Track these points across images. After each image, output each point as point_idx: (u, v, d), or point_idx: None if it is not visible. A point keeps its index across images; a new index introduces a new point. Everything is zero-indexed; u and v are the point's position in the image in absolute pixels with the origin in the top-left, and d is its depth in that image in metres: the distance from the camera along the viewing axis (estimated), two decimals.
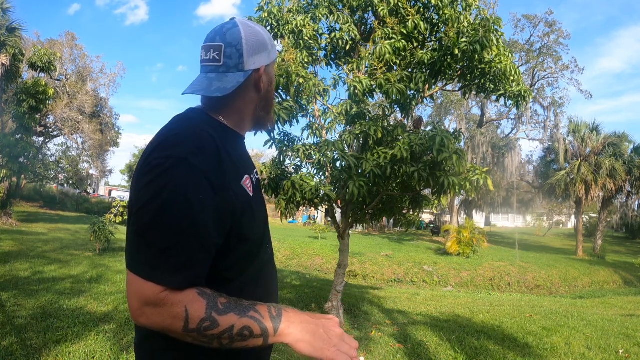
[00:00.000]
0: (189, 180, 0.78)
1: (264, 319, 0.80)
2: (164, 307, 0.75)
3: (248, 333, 0.78)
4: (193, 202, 0.77)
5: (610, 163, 18.34)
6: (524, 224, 45.14)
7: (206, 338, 0.77)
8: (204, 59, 0.94)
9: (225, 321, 0.77)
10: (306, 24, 4.75)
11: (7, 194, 14.48)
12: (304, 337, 0.81)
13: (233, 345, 0.79)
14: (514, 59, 5.11)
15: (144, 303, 0.76)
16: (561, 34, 22.20)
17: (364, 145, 4.48)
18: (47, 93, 14.16)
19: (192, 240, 0.77)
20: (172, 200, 0.76)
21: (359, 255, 14.93)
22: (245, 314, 0.79)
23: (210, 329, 0.76)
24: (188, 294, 0.77)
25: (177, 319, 0.75)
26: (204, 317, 0.76)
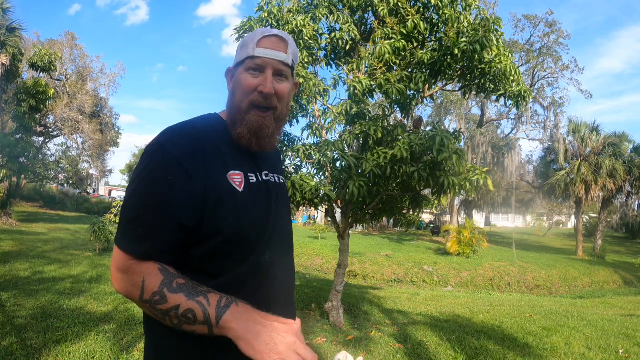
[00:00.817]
0: (161, 163, 0.87)
1: (209, 307, 0.79)
2: (128, 275, 0.85)
3: (192, 317, 0.79)
4: (160, 182, 0.86)
5: (611, 163, 18.34)
6: (524, 224, 45.16)
7: (157, 312, 0.82)
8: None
9: (173, 299, 0.80)
10: (306, 24, 4.75)
11: (7, 194, 14.48)
12: (246, 335, 0.77)
13: (182, 327, 0.81)
14: (514, 59, 5.11)
15: (116, 269, 0.87)
16: (561, 34, 22.24)
17: (364, 145, 4.48)
18: (47, 93, 14.15)
19: (155, 215, 0.85)
20: (144, 180, 0.87)
21: (359, 255, 14.94)
22: (193, 297, 0.80)
23: (159, 303, 0.81)
24: (149, 267, 0.84)
25: (135, 288, 0.83)
26: (156, 290, 0.81)
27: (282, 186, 1.12)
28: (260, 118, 0.97)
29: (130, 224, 0.86)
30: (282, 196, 1.10)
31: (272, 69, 0.98)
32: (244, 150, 0.99)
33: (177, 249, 0.88)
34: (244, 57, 0.99)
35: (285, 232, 1.08)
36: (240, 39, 5.01)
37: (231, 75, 1.03)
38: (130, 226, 0.86)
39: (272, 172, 1.07)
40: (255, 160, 1.02)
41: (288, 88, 1.02)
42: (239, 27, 5.00)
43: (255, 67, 0.97)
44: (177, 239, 0.87)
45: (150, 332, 0.96)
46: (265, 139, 0.99)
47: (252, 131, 0.97)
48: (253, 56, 0.97)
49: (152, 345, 0.97)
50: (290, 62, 1.00)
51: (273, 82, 0.98)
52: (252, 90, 0.97)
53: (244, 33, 4.99)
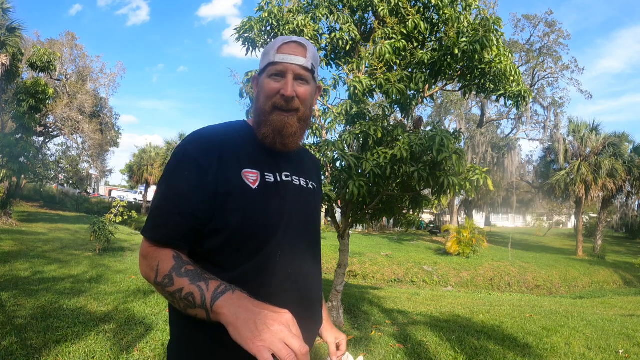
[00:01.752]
0: (180, 160, 0.98)
1: (207, 291, 0.83)
2: (147, 259, 0.94)
3: (192, 300, 0.84)
4: (179, 176, 0.96)
5: (611, 163, 18.34)
6: (524, 224, 45.17)
7: (166, 293, 0.90)
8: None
9: (179, 283, 0.87)
10: (307, 24, 4.75)
11: (7, 194, 14.48)
12: (234, 321, 0.78)
13: (187, 310, 0.86)
14: (514, 59, 5.11)
15: (140, 254, 0.97)
16: (561, 34, 22.24)
17: (364, 145, 4.47)
18: (47, 93, 14.15)
19: (171, 205, 0.95)
20: (165, 175, 0.99)
21: (359, 255, 14.94)
22: (195, 282, 0.85)
23: (167, 285, 0.88)
24: (165, 253, 0.92)
25: (152, 270, 0.92)
26: (167, 274, 0.89)
27: (311, 191, 1.13)
28: (284, 117, 1.03)
29: (151, 214, 0.97)
30: (309, 200, 1.12)
31: (292, 74, 1.03)
32: (269, 153, 1.05)
33: (192, 238, 0.96)
34: (266, 64, 1.06)
35: (308, 237, 1.10)
36: (240, 39, 5.01)
37: (256, 82, 1.10)
38: (151, 216, 0.97)
39: (299, 175, 1.11)
40: (278, 163, 1.06)
41: (309, 91, 1.07)
42: (239, 27, 5.00)
43: (277, 73, 1.03)
44: (190, 228, 0.95)
45: (172, 322, 1.04)
46: (289, 137, 1.04)
47: (275, 130, 1.03)
48: (274, 62, 1.03)
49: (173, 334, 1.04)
50: (309, 66, 1.05)
51: (294, 86, 1.03)
52: (275, 93, 1.03)
53: (244, 33, 4.99)
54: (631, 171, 18.79)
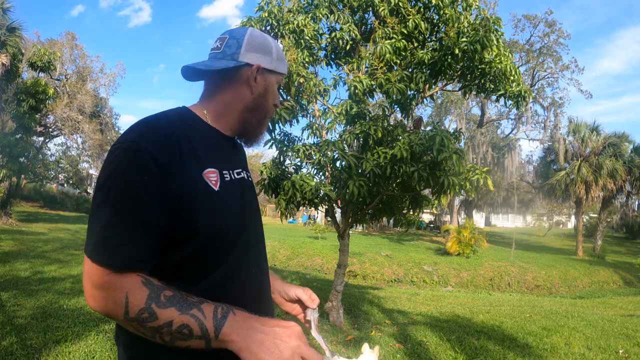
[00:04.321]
0: (135, 161, 0.78)
1: (205, 320, 0.74)
2: (108, 291, 0.75)
3: (187, 332, 0.74)
4: (136, 182, 0.78)
5: (611, 163, 18.35)
6: (524, 224, 45.15)
7: (146, 330, 0.74)
8: (212, 48, 1.00)
9: (164, 315, 0.73)
10: (307, 24, 4.75)
11: (7, 194, 14.48)
12: (249, 346, 0.73)
13: (176, 343, 0.75)
14: (514, 59, 5.11)
15: (92, 285, 0.77)
16: (561, 34, 22.25)
17: (364, 145, 4.47)
18: (47, 93, 14.14)
19: (132, 220, 0.77)
20: (117, 181, 0.78)
21: (359, 255, 14.93)
22: (186, 311, 0.74)
23: (148, 320, 0.73)
24: (131, 280, 0.75)
25: (118, 305, 0.74)
26: (143, 307, 0.73)
27: (252, 184, 1.09)
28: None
29: (104, 233, 0.77)
30: (254, 195, 1.08)
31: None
32: (218, 146, 0.96)
33: (156, 255, 0.81)
34: (281, 71, 1.03)
35: (259, 232, 1.05)
36: None
37: (264, 78, 1.00)
38: (104, 235, 0.77)
39: (244, 169, 1.04)
40: (229, 158, 0.98)
41: None
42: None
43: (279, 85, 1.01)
44: (157, 244, 0.80)
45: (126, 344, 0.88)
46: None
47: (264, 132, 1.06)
48: (284, 74, 1.04)
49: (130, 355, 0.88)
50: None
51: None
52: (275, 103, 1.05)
53: None
54: (631, 171, 18.80)
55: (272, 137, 4.90)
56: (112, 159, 0.80)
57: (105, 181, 0.79)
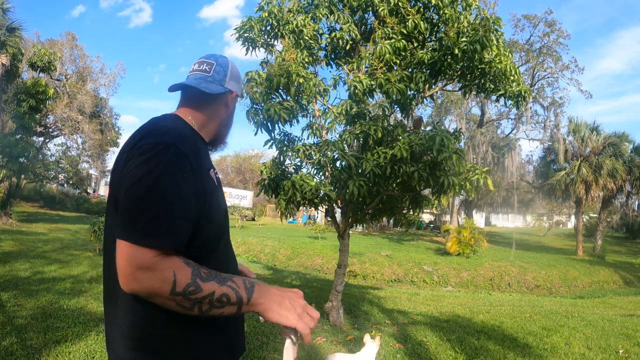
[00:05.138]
0: (177, 160, 0.95)
1: (239, 289, 0.94)
2: (155, 271, 0.86)
3: (226, 300, 0.91)
4: (179, 179, 0.94)
5: (611, 163, 18.34)
6: (524, 224, 45.14)
7: (189, 302, 0.89)
8: (197, 69, 1.19)
9: (208, 287, 0.89)
10: (307, 24, 4.75)
11: (7, 194, 14.48)
12: (272, 306, 0.96)
13: (211, 312, 0.91)
14: (513, 58, 5.11)
15: (137, 268, 0.86)
16: (561, 34, 22.23)
17: (364, 145, 4.47)
18: (47, 93, 14.14)
19: (178, 210, 0.92)
20: (163, 177, 0.92)
21: (359, 255, 14.93)
22: (224, 283, 0.92)
23: (194, 293, 0.88)
24: (175, 261, 0.89)
25: (166, 282, 0.86)
26: (190, 282, 0.88)
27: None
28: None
29: (154, 222, 0.89)
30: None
31: None
32: (205, 150, 1.18)
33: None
34: (240, 94, 1.28)
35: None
36: (240, 38, 5.01)
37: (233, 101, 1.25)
38: (155, 224, 0.88)
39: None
40: (210, 159, 1.20)
41: None
42: (239, 27, 5.00)
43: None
44: (191, 230, 0.95)
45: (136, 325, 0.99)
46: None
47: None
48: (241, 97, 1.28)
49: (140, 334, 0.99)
50: None
51: None
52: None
53: (244, 33, 4.99)
54: (631, 171, 18.79)
55: (272, 137, 4.90)
56: (152, 155, 0.93)
57: (150, 173, 0.91)
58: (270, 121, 4.56)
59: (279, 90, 4.62)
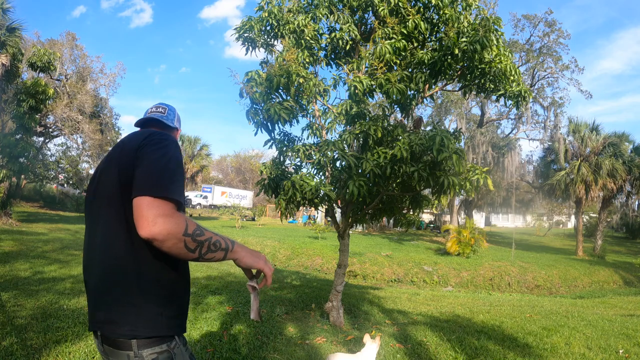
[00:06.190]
0: (179, 149, 1.38)
1: (227, 240, 1.29)
2: (173, 217, 1.17)
3: (219, 245, 1.26)
4: (181, 161, 1.36)
5: (611, 163, 18.33)
6: (524, 224, 45.15)
7: (195, 243, 1.19)
8: (155, 111, 1.63)
9: (208, 234, 1.24)
10: (307, 24, 4.75)
11: (7, 194, 14.46)
12: (246, 255, 1.34)
13: (207, 255, 1.23)
14: (514, 58, 5.11)
15: (159, 215, 1.15)
16: (561, 34, 22.22)
17: (364, 145, 4.47)
18: (47, 93, 14.14)
19: (182, 179, 1.31)
20: (174, 157, 1.31)
21: (359, 255, 14.93)
22: (217, 234, 1.27)
23: (200, 235, 1.20)
24: (184, 215, 1.23)
25: (180, 226, 1.17)
26: (196, 227, 1.21)
27: None
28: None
29: (172, 184, 1.23)
30: None
31: None
32: None
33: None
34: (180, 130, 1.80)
35: None
36: (240, 38, 5.01)
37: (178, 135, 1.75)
38: (173, 184, 1.23)
39: None
40: None
41: None
42: (239, 27, 5.00)
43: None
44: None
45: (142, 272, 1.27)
46: None
47: None
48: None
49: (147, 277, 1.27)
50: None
51: None
52: None
53: (244, 33, 4.99)
54: (631, 171, 18.79)
55: (272, 137, 4.90)
56: (167, 143, 1.33)
57: (167, 153, 1.29)
58: (270, 121, 4.56)
59: (279, 90, 4.62)
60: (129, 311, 1.24)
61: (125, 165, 1.28)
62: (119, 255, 1.26)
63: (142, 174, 1.22)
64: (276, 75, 4.36)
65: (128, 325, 1.22)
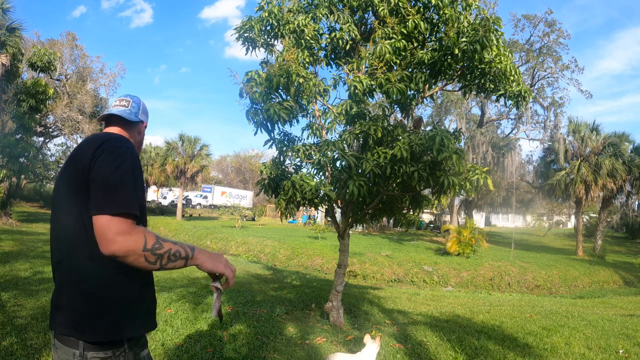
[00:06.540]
0: (136, 159, 1.37)
1: (186, 248, 1.32)
2: (132, 235, 1.21)
3: (178, 254, 1.29)
4: (138, 171, 1.35)
5: (611, 163, 18.33)
6: (524, 224, 45.15)
7: (155, 256, 1.23)
8: (118, 104, 1.61)
9: (167, 245, 1.26)
10: (307, 24, 4.75)
11: (7, 194, 14.47)
12: (207, 260, 1.37)
13: (168, 265, 1.27)
14: (513, 58, 5.11)
15: (117, 233, 1.19)
16: (561, 34, 22.23)
17: (364, 145, 4.47)
18: (47, 93, 14.15)
19: (137, 192, 1.30)
20: (129, 168, 1.31)
21: (359, 255, 14.93)
22: (176, 244, 1.30)
23: (159, 249, 1.24)
24: (142, 228, 1.26)
25: (139, 242, 1.21)
26: (155, 241, 1.24)
27: None
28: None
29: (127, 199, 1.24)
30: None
31: None
32: None
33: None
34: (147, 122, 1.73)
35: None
36: (240, 38, 5.01)
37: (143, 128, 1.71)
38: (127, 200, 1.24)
39: None
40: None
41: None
42: (239, 27, 5.00)
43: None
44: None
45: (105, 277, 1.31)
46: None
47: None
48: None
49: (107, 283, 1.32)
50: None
51: None
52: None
53: (244, 33, 4.99)
54: (631, 171, 18.78)
55: (272, 137, 4.90)
56: (122, 152, 1.33)
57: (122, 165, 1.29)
58: (270, 121, 4.56)
59: (278, 90, 4.61)
60: (82, 315, 1.29)
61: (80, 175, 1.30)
62: (77, 263, 1.31)
63: (98, 190, 1.23)
64: (276, 75, 4.36)
65: (79, 330, 1.28)
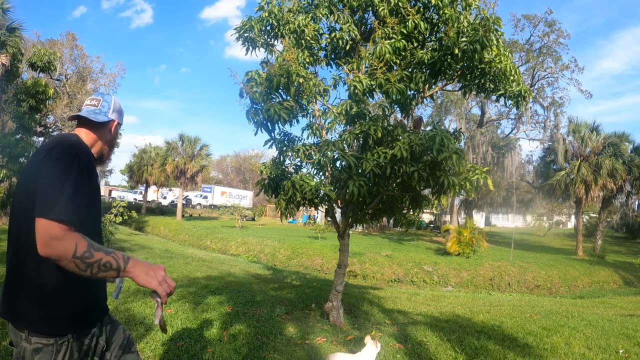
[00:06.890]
0: (86, 163, 1.41)
1: (119, 260, 1.34)
2: (64, 240, 1.25)
3: (109, 265, 1.31)
4: (85, 176, 1.39)
5: (611, 163, 18.33)
6: (524, 224, 45.16)
7: (84, 265, 1.27)
8: (88, 104, 1.64)
9: (97, 255, 1.29)
10: (307, 24, 4.75)
11: (7, 194, 14.46)
12: (140, 274, 1.35)
13: (99, 274, 1.30)
14: (513, 58, 5.11)
15: (51, 237, 1.24)
16: (561, 34, 22.22)
17: (364, 145, 4.47)
18: (47, 93, 14.15)
19: (79, 199, 1.33)
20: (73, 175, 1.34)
21: (359, 255, 14.93)
22: (109, 255, 1.32)
23: (88, 258, 1.27)
24: (77, 235, 1.28)
25: (69, 249, 1.25)
26: (86, 250, 1.27)
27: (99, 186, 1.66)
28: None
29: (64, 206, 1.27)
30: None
31: None
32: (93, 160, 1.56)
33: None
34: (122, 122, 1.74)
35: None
36: (240, 38, 5.01)
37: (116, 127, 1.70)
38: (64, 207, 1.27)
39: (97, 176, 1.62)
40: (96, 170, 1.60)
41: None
42: (239, 27, 5.00)
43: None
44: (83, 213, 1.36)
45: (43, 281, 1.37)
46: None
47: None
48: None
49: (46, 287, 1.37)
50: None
51: None
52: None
53: (244, 33, 4.99)
54: (631, 171, 18.78)
55: (272, 137, 4.90)
56: (72, 156, 1.38)
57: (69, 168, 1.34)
58: (270, 121, 4.56)
59: (279, 90, 4.61)
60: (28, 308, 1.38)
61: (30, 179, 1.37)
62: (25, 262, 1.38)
63: (40, 194, 1.28)
64: (276, 75, 4.36)
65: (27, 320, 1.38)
